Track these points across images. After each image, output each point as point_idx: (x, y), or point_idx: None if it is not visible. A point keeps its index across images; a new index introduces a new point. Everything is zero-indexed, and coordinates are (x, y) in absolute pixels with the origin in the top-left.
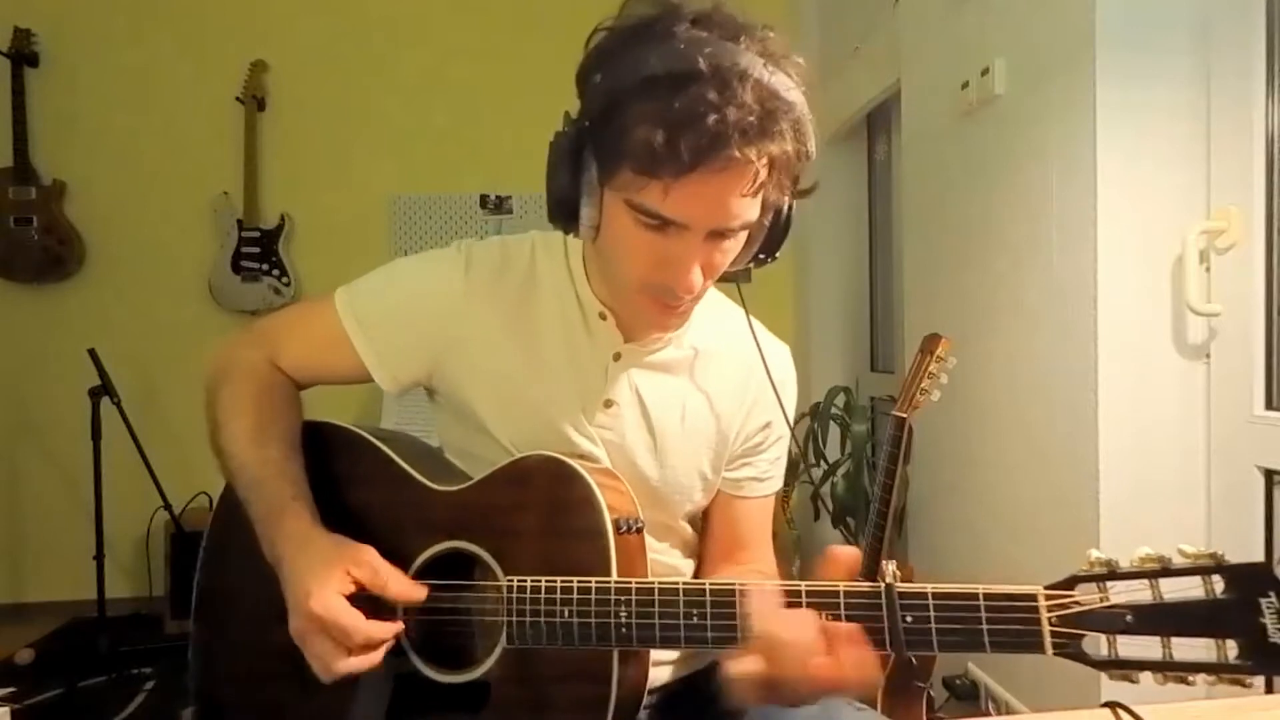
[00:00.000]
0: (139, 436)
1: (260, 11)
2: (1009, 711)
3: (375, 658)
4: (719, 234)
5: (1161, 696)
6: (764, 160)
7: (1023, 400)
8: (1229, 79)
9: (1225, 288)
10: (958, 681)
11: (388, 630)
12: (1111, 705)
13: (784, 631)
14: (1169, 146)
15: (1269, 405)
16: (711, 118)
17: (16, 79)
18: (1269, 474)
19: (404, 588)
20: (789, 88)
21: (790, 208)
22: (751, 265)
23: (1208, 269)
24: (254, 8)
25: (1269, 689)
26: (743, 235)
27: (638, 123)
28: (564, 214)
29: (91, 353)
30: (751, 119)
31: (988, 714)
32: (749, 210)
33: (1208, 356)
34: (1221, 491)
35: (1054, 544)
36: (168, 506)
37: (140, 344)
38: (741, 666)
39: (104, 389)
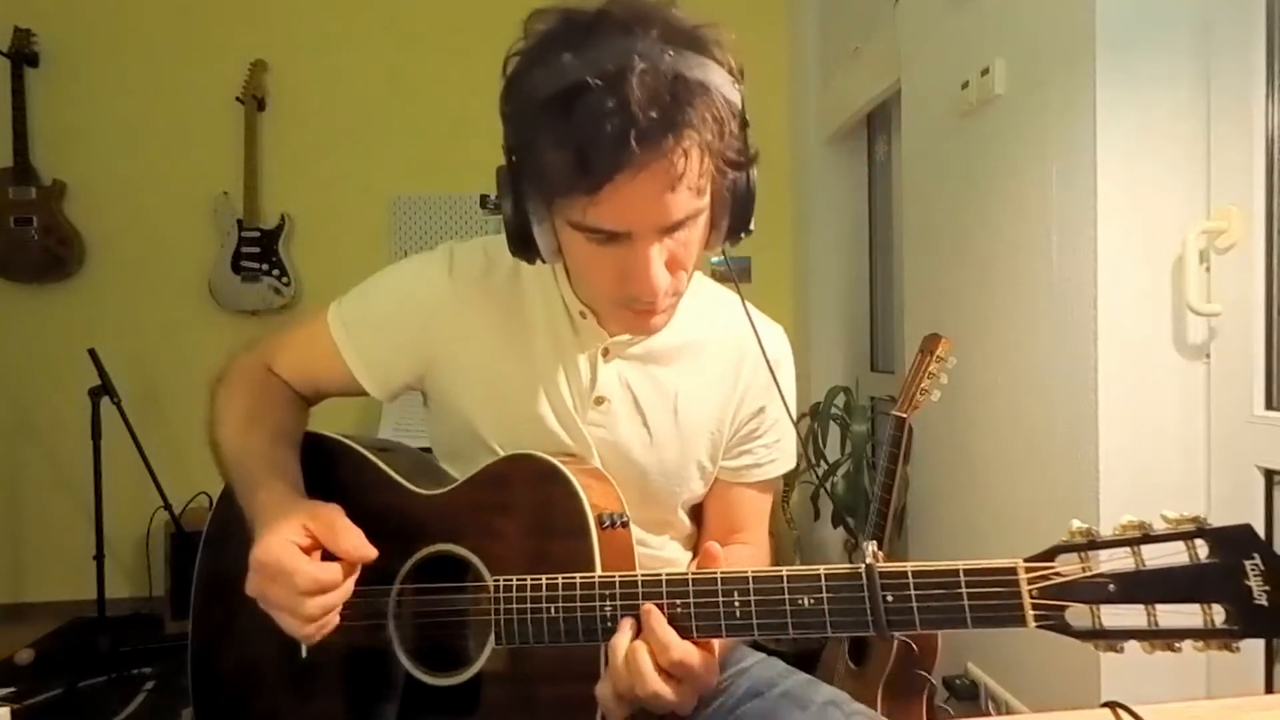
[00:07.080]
0: (139, 436)
1: (260, 11)
2: (1009, 711)
3: (334, 601)
4: (669, 230)
5: (1162, 696)
6: (679, 152)
7: (1023, 400)
8: (1229, 79)
9: (1225, 288)
10: (958, 681)
11: (333, 572)
12: (1111, 705)
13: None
14: (1169, 146)
15: (1269, 405)
16: (609, 125)
17: (16, 79)
18: (1269, 474)
19: (354, 543)
20: (696, 65)
21: (748, 178)
22: (727, 245)
23: (1208, 269)
24: (254, 8)
25: (1269, 689)
26: (699, 222)
27: (545, 149)
28: (520, 245)
29: (91, 353)
30: (653, 114)
31: (988, 714)
32: (689, 201)
33: (1208, 356)
34: (1221, 491)
35: (1054, 544)
36: (168, 506)
37: (140, 344)
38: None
39: (104, 389)
